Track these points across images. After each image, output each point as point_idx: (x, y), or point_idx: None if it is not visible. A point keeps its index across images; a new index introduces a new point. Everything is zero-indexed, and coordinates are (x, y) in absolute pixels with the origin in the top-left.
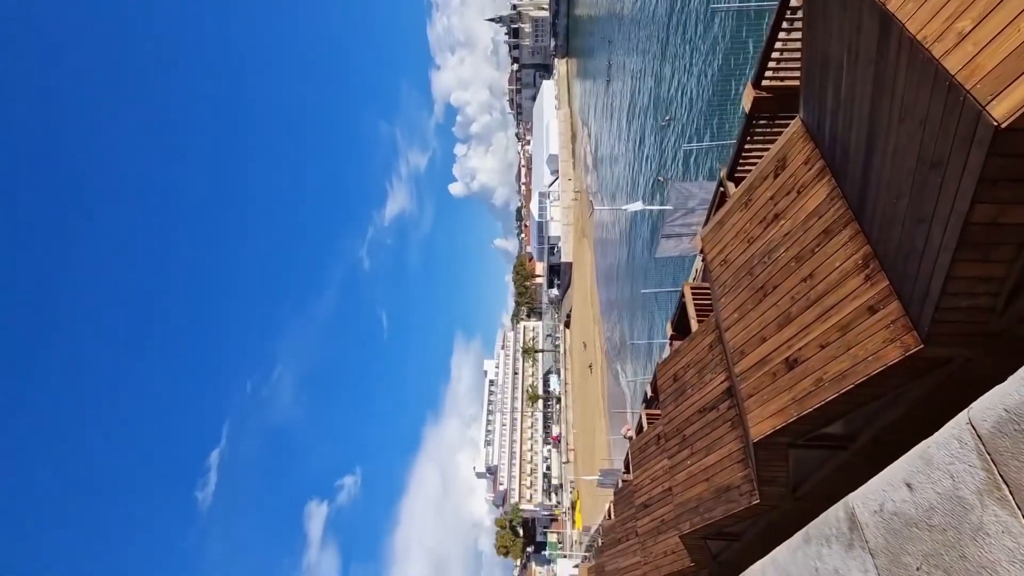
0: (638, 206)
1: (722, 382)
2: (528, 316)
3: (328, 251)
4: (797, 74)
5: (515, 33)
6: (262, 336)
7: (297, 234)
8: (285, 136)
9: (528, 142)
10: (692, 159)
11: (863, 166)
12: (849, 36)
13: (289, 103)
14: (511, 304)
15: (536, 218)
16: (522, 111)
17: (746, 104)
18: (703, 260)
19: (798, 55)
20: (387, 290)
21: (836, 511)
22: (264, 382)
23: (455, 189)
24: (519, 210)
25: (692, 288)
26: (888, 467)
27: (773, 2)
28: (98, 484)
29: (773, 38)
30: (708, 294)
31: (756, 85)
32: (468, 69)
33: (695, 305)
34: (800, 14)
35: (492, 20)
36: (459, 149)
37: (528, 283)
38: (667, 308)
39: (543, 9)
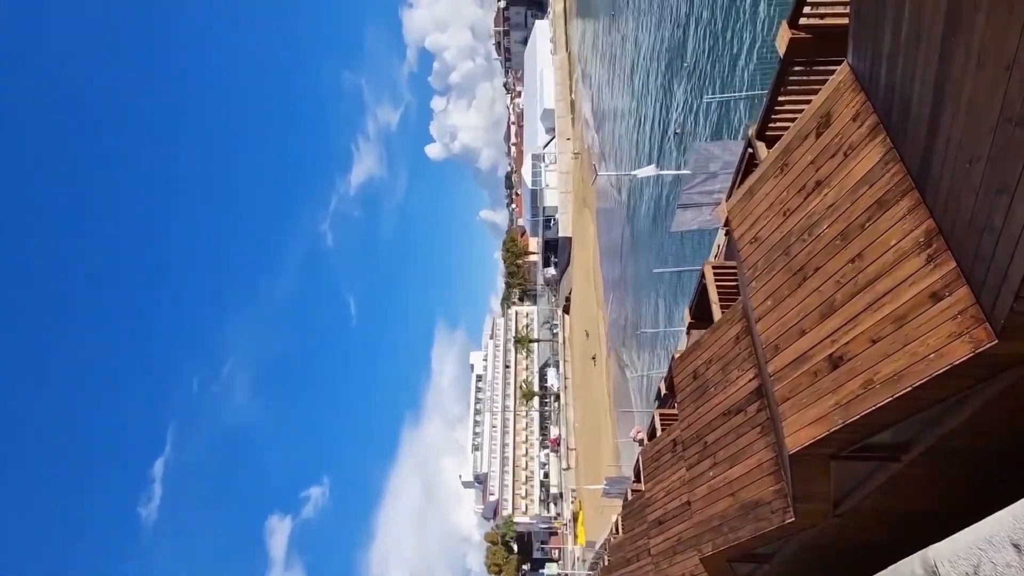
0: (650, 171)
1: (751, 380)
2: (521, 300)
3: (284, 225)
4: (844, 10)
5: None
6: (210, 326)
7: (247, 205)
8: (227, 88)
9: (519, 94)
10: (715, 113)
11: (928, 123)
12: None
13: (229, 48)
14: (500, 286)
15: (529, 185)
16: (511, 57)
17: (780, 47)
18: (728, 235)
19: None
20: (355, 271)
21: (911, 566)
22: (214, 379)
23: (433, 151)
24: (509, 176)
25: (715, 268)
26: (984, 520)
27: None
28: (21, 506)
29: None
30: (734, 276)
31: (793, 24)
32: (446, 7)
33: (718, 288)
34: None
35: None
36: (437, 103)
37: (520, 262)
38: (684, 291)
39: None
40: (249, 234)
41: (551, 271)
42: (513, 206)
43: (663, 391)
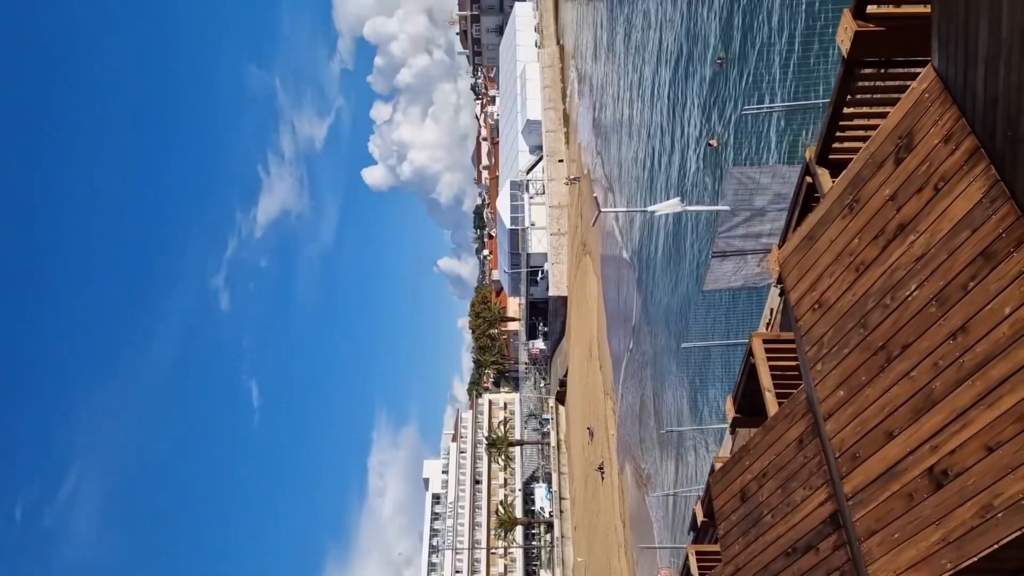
0: (674, 206)
1: (823, 504)
2: (497, 385)
3: (159, 279)
4: None
5: None
6: (42, 423)
7: (107, 252)
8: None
9: (492, 100)
10: (758, 129)
11: None
12: None
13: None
14: (468, 366)
15: (507, 224)
16: (481, 51)
17: (843, 43)
18: (783, 297)
19: None
20: (260, 344)
21: None
22: (47, 502)
23: (373, 176)
24: (479, 210)
25: (766, 343)
26: None
27: None
28: None
29: None
30: (794, 354)
31: (859, 14)
32: None
33: (772, 371)
34: None
35: None
36: (379, 112)
37: (495, 331)
38: (726, 373)
39: None
40: (107, 290)
41: (539, 344)
42: (485, 252)
43: (699, 518)
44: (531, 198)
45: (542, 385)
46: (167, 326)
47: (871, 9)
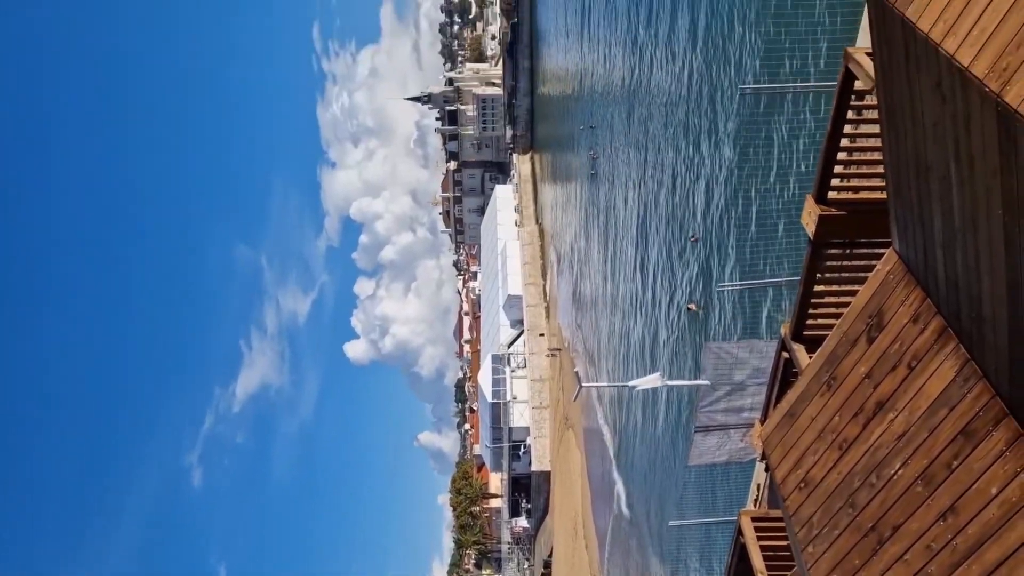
0: (654, 381)
1: None
2: (478, 566)
3: (130, 456)
4: (879, 182)
5: (452, 118)
6: None
7: (78, 428)
8: (59, 255)
9: (474, 276)
10: (734, 303)
11: (1009, 328)
12: (954, 137)
13: (70, 200)
14: (448, 545)
15: (488, 398)
16: (464, 230)
17: (808, 226)
18: (768, 473)
19: (877, 156)
20: (232, 524)
21: None
22: None
23: (355, 350)
24: (460, 384)
25: (755, 521)
26: None
27: (828, 84)
28: None
29: (835, 136)
30: (783, 532)
31: (819, 199)
32: (379, 167)
33: (763, 550)
34: (872, 100)
35: (416, 99)
36: (362, 287)
37: (477, 508)
38: (717, 551)
39: (494, 85)
40: (72, 470)
41: (522, 522)
42: (467, 427)
43: None
44: (513, 371)
45: (526, 566)
46: (135, 506)
47: (832, 195)
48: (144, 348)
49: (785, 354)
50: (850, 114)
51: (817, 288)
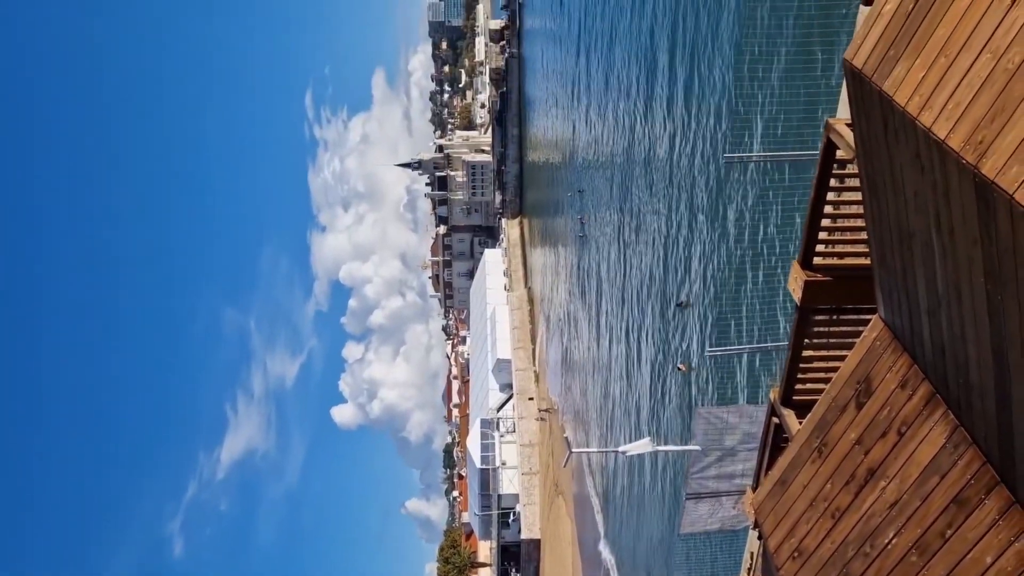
0: (644, 446)
1: None
2: None
3: (110, 525)
4: (863, 248)
5: (441, 184)
6: None
7: (55, 499)
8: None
9: (463, 341)
10: (723, 368)
11: (996, 396)
12: (934, 205)
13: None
14: None
15: (477, 464)
16: (453, 294)
17: (795, 291)
18: (761, 541)
19: (861, 223)
20: None
21: None
22: None
23: (342, 415)
24: (449, 450)
25: None
26: None
27: (810, 152)
28: None
29: (819, 204)
30: None
31: (805, 264)
32: (369, 232)
33: None
34: (853, 168)
35: (407, 166)
36: (351, 351)
37: None
38: None
39: (483, 152)
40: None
41: None
42: (455, 494)
43: None
44: (502, 437)
45: None
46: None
47: (817, 260)
48: (128, 414)
49: (775, 419)
50: (833, 182)
51: (805, 353)
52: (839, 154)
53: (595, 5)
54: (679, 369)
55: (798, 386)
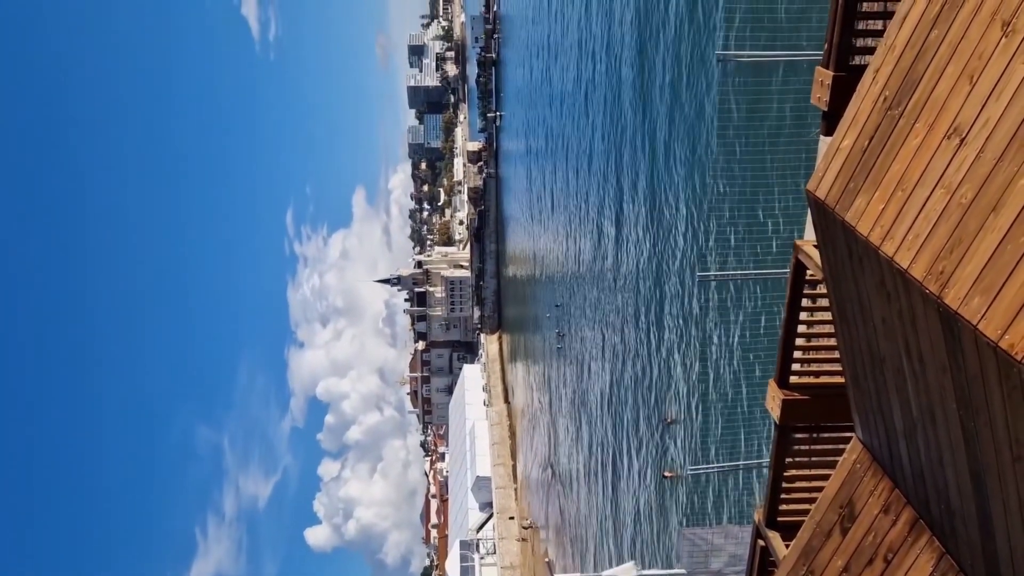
0: (628, 571)
1: None
2: None
3: None
4: (838, 367)
5: (420, 299)
6: None
7: None
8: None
9: (441, 458)
10: (707, 486)
11: (979, 521)
12: (903, 333)
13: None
14: None
15: None
16: (432, 410)
17: (773, 410)
18: None
19: (834, 341)
20: None
21: None
22: None
23: (316, 536)
24: (427, 572)
25: None
26: None
27: (780, 271)
28: None
29: (792, 323)
30: None
31: (782, 383)
32: (347, 347)
33: None
34: (822, 289)
35: (386, 281)
36: (327, 469)
37: None
38: None
39: (462, 268)
40: None
41: None
42: None
43: None
44: (482, 558)
45: None
46: None
47: (794, 379)
48: (91, 538)
49: (761, 542)
50: (805, 301)
51: (788, 473)
52: (808, 274)
53: (569, 127)
54: (665, 476)
55: (782, 506)
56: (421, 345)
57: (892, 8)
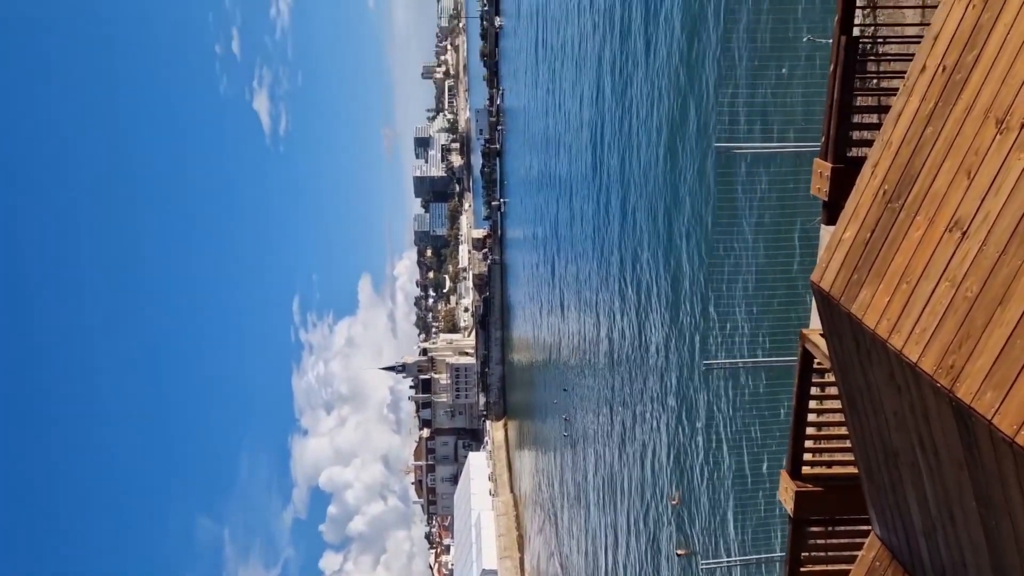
0: None
1: None
2: None
3: None
4: (850, 457)
5: (425, 386)
6: None
7: None
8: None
9: (447, 549)
10: None
11: None
12: (916, 426)
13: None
14: None
15: None
16: (436, 500)
17: (786, 502)
18: None
19: (845, 431)
20: None
21: None
22: None
23: None
24: None
25: None
26: None
27: (789, 359)
28: None
29: (802, 412)
30: None
31: (794, 474)
32: (351, 434)
33: None
34: (830, 377)
35: (391, 369)
36: (329, 561)
37: None
38: None
39: (467, 354)
40: None
41: None
42: None
43: None
44: None
45: None
46: None
47: (806, 470)
48: None
49: None
50: (814, 390)
51: (804, 569)
52: (816, 363)
53: (573, 215)
54: (679, 554)
55: None
56: (426, 432)
57: (886, 102)
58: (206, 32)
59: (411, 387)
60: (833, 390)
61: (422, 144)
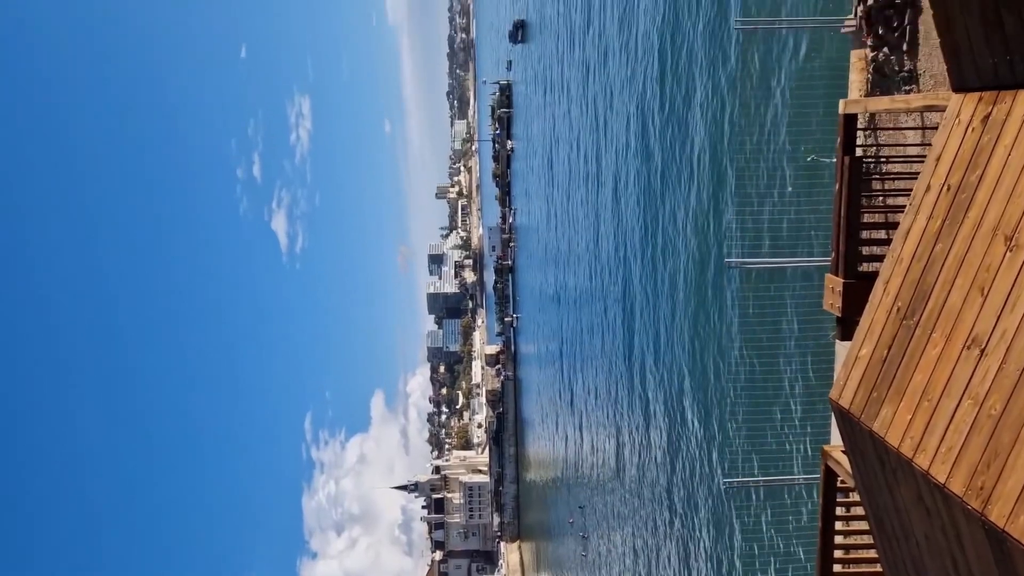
0: None
1: None
2: None
3: None
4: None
5: (438, 506)
6: None
7: None
8: None
9: None
10: None
11: None
12: (949, 551)
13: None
14: None
15: None
16: None
17: None
18: None
19: (872, 553)
20: None
21: None
22: None
23: None
24: None
25: None
26: None
27: (811, 477)
28: None
29: (828, 532)
30: None
31: (825, 572)
32: (362, 556)
33: None
34: (854, 496)
35: (403, 488)
36: None
37: None
38: None
39: (480, 472)
40: None
41: None
42: None
43: None
44: None
45: None
46: None
47: (838, 568)
48: None
49: None
50: (839, 510)
51: None
52: (839, 481)
53: (586, 331)
54: None
55: None
56: (438, 555)
57: (893, 219)
58: (228, 157)
59: (423, 507)
60: (858, 509)
61: (435, 261)
